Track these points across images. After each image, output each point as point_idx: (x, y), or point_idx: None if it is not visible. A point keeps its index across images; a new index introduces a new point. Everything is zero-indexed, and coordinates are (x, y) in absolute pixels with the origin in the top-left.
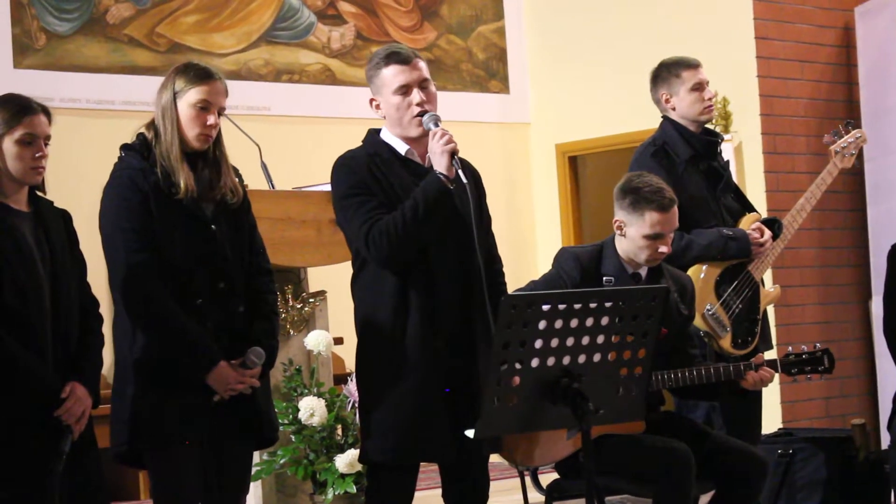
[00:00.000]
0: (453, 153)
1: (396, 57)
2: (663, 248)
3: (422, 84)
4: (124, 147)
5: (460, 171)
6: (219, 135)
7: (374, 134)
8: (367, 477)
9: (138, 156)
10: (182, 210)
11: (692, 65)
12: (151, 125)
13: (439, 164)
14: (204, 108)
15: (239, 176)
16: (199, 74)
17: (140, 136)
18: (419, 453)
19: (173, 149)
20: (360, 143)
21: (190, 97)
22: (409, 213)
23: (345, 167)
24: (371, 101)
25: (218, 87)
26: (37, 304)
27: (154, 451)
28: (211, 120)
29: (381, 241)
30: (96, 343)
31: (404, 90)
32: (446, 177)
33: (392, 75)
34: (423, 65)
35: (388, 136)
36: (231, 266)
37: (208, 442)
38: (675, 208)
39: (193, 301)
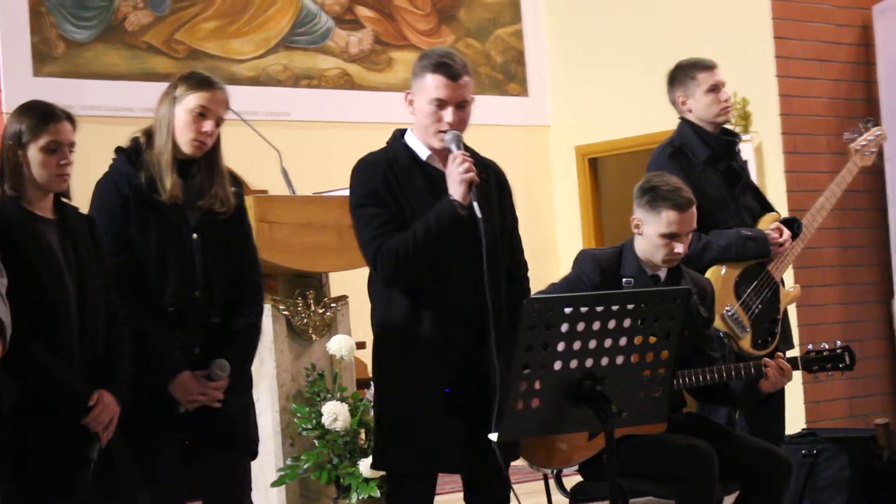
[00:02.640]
0: (471, 182)
1: (446, 69)
2: (679, 248)
3: (460, 104)
4: (117, 150)
5: (476, 204)
6: (217, 144)
7: (398, 136)
8: (387, 482)
9: (126, 159)
10: (162, 216)
11: (708, 66)
12: (148, 130)
13: (455, 191)
14: (201, 114)
15: (238, 185)
16: (200, 81)
17: (134, 139)
18: (437, 464)
19: (165, 153)
20: (385, 144)
21: (188, 103)
22: (421, 237)
23: (361, 173)
24: (407, 94)
25: (218, 96)
26: (64, 311)
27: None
28: (206, 127)
29: (389, 261)
30: (123, 350)
31: (440, 104)
32: (460, 202)
33: (434, 85)
34: (469, 82)
35: (412, 139)
36: (210, 275)
37: (186, 453)
38: (693, 209)
39: (165, 308)
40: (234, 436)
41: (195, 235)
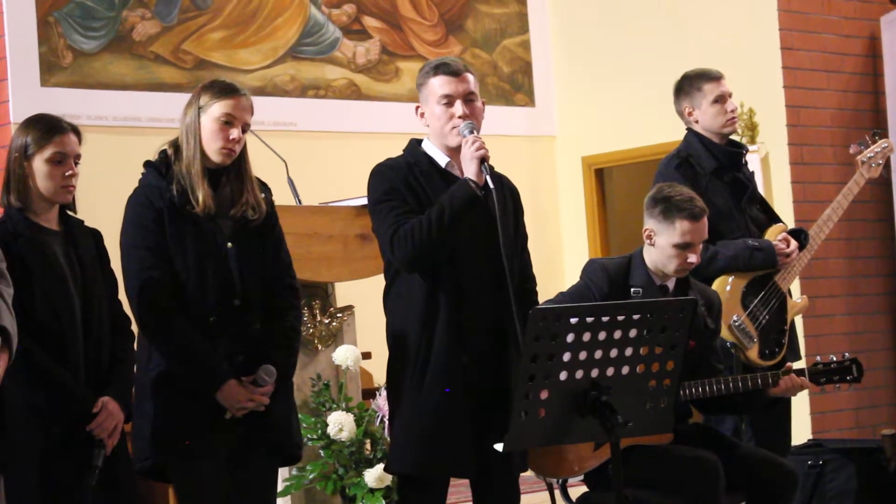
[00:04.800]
0: (483, 159)
1: (445, 68)
2: (692, 258)
3: (467, 97)
4: (146, 164)
5: (488, 178)
6: (243, 151)
7: (415, 144)
8: (398, 489)
9: (157, 173)
10: (197, 227)
11: (714, 77)
12: (174, 142)
13: (469, 169)
14: (227, 122)
15: (267, 191)
16: (224, 89)
17: (162, 152)
18: (441, 467)
19: (195, 163)
20: (402, 152)
21: (214, 111)
22: (435, 217)
23: (381, 174)
24: (417, 108)
25: (243, 103)
26: (68, 320)
27: (174, 466)
28: (234, 134)
29: (405, 242)
30: (127, 359)
31: (448, 100)
32: (475, 183)
33: (439, 85)
34: (471, 79)
35: (429, 147)
36: (247, 283)
37: (229, 458)
38: (706, 219)
39: (206, 318)
40: (279, 440)
41: (230, 244)
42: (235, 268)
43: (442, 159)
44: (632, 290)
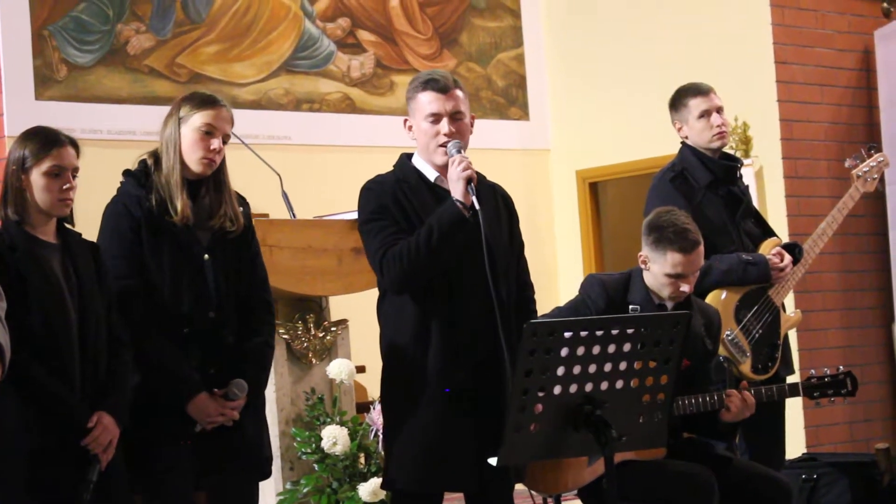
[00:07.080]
0: (469, 180)
1: (434, 84)
2: (685, 288)
3: (454, 115)
4: (125, 173)
5: (474, 199)
6: (223, 163)
7: (405, 159)
8: (392, 503)
9: (136, 182)
10: (174, 238)
11: (699, 92)
12: (154, 152)
13: (455, 190)
14: (208, 132)
15: (246, 204)
16: (205, 100)
17: (141, 162)
18: (441, 482)
19: (174, 174)
20: (392, 168)
21: (194, 122)
22: (423, 239)
23: (370, 192)
24: (405, 121)
25: (223, 114)
26: (64, 334)
27: (142, 478)
28: (215, 144)
29: (393, 266)
30: (124, 372)
31: (434, 118)
32: (463, 204)
33: (426, 101)
34: (460, 95)
35: (419, 161)
36: (223, 296)
37: (200, 472)
38: (700, 249)
39: (180, 330)
40: (250, 455)
41: (207, 256)
42: (212, 279)
43: (431, 174)
44: (630, 307)
